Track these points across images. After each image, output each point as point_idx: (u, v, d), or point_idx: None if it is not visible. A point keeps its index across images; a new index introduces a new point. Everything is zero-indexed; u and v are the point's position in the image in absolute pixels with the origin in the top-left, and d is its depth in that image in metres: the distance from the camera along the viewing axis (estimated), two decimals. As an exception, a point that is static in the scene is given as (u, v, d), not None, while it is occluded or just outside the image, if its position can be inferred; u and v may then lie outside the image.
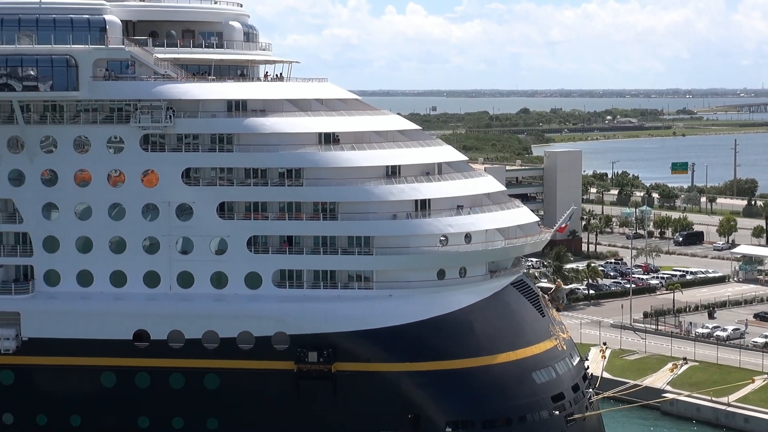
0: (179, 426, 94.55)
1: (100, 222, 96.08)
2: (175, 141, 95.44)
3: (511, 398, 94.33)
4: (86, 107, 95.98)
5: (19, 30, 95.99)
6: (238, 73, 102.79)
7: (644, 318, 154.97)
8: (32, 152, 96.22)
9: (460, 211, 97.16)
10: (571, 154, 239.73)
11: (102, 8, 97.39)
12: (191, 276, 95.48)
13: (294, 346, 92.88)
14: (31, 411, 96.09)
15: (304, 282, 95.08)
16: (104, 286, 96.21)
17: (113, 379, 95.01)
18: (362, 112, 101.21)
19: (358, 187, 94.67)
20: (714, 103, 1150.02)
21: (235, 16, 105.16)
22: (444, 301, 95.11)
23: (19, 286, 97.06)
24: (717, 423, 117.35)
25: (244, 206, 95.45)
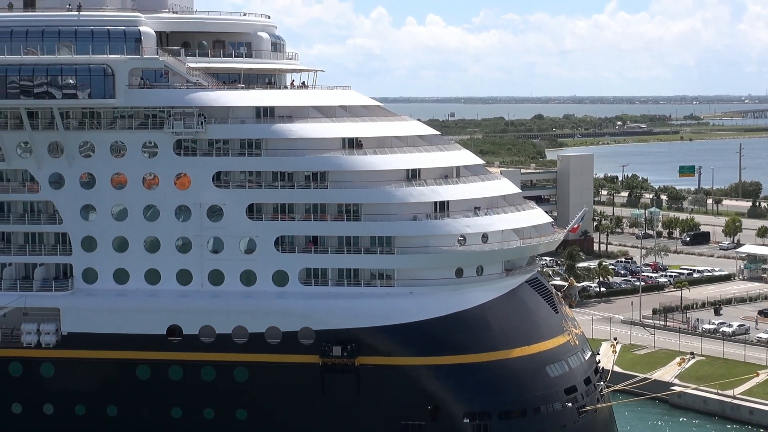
0: (210, 417, 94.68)
1: (136, 223, 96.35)
2: (206, 146, 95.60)
3: (526, 391, 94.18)
4: (122, 114, 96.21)
5: (59, 41, 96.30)
6: (266, 81, 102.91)
7: (653, 314, 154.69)
8: (71, 156, 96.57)
9: (477, 212, 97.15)
10: (583, 158, 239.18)
11: (137, 20, 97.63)
12: (221, 274, 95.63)
13: (319, 341, 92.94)
14: (70, 402, 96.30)
15: (329, 280, 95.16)
16: (139, 284, 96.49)
17: (148, 372, 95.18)
18: (384, 118, 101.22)
19: (380, 190, 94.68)
20: (719, 109, 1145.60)
21: (263, 27, 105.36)
22: (462, 298, 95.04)
23: (59, 284, 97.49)
24: (723, 415, 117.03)
25: (272, 208, 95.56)
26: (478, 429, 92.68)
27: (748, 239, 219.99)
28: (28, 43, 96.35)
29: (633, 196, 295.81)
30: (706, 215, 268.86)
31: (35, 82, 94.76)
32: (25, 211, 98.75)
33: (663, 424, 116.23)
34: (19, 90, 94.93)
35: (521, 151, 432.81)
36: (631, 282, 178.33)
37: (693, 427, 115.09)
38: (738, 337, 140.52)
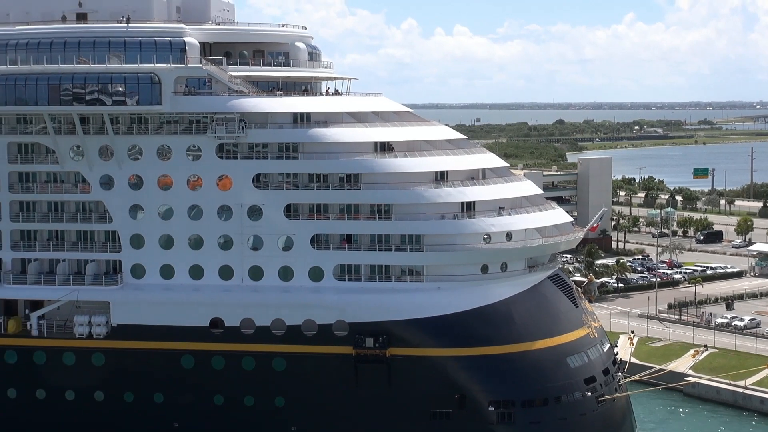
0: (250, 404, 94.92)
1: (181, 221, 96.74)
2: (246, 149, 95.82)
3: (547, 380, 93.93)
4: (168, 119, 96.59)
5: (109, 51, 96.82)
6: (302, 88, 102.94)
7: (668, 309, 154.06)
8: (120, 159, 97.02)
9: (501, 212, 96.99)
10: (602, 160, 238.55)
11: (182, 31, 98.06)
12: (261, 270, 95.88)
13: (352, 333, 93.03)
14: (120, 389, 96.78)
15: (362, 275, 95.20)
16: (184, 279, 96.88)
17: (192, 362, 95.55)
18: (414, 123, 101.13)
19: (410, 191, 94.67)
20: (732, 114, 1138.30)
21: (300, 37, 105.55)
22: (487, 292, 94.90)
23: (109, 279, 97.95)
24: (735, 404, 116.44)
25: (308, 207, 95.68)
26: (503, 417, 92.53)
27: (759, 238, 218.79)
28: (81, 53, 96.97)
29: (649, 197, 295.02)
30: (719, 215, 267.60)
31: (87, 89, 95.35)
32: (77, 210, 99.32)
33: (678, 413, 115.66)
34: (72, 97, 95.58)
35: (543, 155, 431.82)
36: (648, 278, 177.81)
37: (706, 416, 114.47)
38: (749, 331, 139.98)
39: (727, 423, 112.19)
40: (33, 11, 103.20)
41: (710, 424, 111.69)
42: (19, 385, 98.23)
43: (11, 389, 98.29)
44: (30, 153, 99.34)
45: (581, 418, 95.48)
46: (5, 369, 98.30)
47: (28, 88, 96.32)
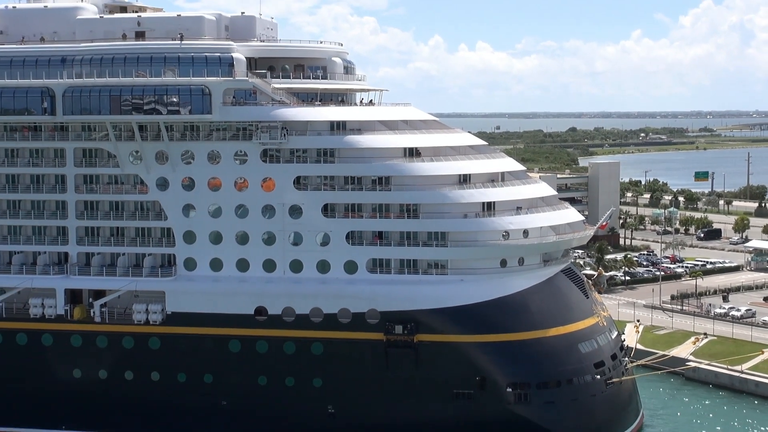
0: (291, 384, 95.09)
1: (228, 219, 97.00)
2: (288, 154, 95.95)
3: (560, 364, 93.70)
4: (217, 127, 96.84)
5: (164, 66, 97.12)
6: (339, 99, 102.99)
7: (671, 300, 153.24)
8: (175, 163, 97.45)
9: (519, 211, 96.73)
10: (610, 164, 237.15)
11: (230, 47, 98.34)
12: (301, 263, 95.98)
13: (383, 321, 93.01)
14: (173, 370, 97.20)
15: (392, 268, 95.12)
16: (231, 271, 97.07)
17: (238, 346, 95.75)
18: (439, 130, 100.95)
19: (436, 192, 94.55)
20: (730, 122, 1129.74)
21: (337, 53, 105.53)
22: (506, 284, 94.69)
23: (164, 271, 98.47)
24: (732, 387, 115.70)
25: (344, 207, 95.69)
26: (519, 397, 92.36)
27: (755, 235, 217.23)
28: (139, 67, 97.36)
29: (654, 198, 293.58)
30: (718, 214, 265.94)
31: (145, 100, 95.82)
32: (136, 209, 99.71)
33: (679, 395, 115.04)
34: (132, 107, 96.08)
35: (557, 159, 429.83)
36: (652, 272, 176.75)
37: (705, 398, 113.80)
38: (745, 320, 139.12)
39: (725, 405, 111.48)
40: (96, 30, 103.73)
41: (709, 406, 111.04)
42: (84, 366, 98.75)
43: (77, 370, 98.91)
44: (94, 157, 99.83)
45: (591, 399, 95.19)
46: (72, 352, 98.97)
47: (93, 99, 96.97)
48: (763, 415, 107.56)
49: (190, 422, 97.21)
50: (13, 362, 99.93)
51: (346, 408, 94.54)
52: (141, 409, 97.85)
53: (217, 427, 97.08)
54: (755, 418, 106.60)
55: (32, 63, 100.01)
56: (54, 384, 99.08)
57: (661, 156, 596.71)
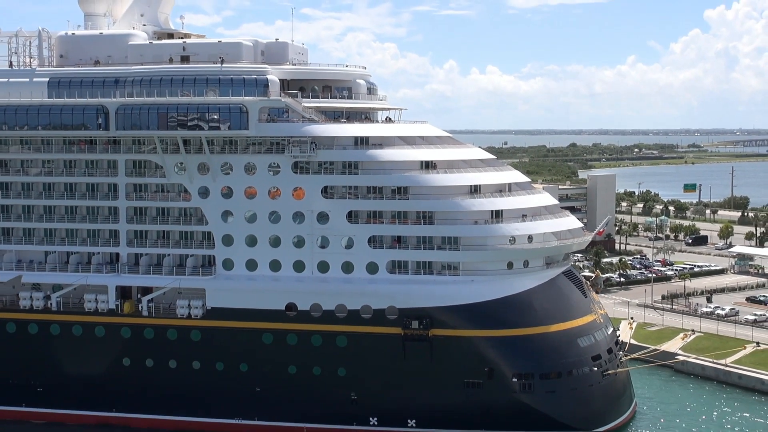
0: (317, 373, 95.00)
1: (263, 224, 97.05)
2: (316, 166, 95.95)
3: (561, 357, 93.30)
4: (254, 141, 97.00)
5: (206, 86, 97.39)
6: (362, 117, 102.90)
7: (662, 299, 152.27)
8: (215, 174, 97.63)
9: (524, 218, 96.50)
10: (607, 177, 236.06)
11: (265, 70, 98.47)
12: (327, 264, 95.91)
13: (401, 317, 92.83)
14: (212, 360, 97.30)
15: (409, 269, 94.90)
16: (265, 271, 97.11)
17: (271, 338, 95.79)
18: (453, 145, 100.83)
19: (450, 201, 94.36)
20: (716, 139, 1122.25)
21: (361, 75, 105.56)
22: (512, 284, 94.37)
23: (205, 270, 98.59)
24: (717, 379, 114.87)
25: (366, 214, 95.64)
26: (524, 387, 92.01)
27: (738, 241, 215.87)
28: (184, 87, 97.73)
29: (647, 207, 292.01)
30: (705, 222, 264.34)
31: (189, 117, 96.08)
32: (180, 214, 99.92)
33: (669, 386, 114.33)
34: (177, 123, 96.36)
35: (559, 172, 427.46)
36: (645, 274, 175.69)
37: (693, 388, 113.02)
38: (729, 318, 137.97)
39: (711, 395, 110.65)
40: (146, 54, 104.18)
41: (696, 396, 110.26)
42: (132, 355, 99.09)
43: (126, 358, 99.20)
44: (143, 168, 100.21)
45: (589, 389, 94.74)
46: (122, 342, 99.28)
47: (142, 116, 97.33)
48: (744, 404, 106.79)
49: (227, 407, 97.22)
50: (70, 351, 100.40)
51: (368, 395, 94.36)
52: (183, 395, 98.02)
53: (251, 411, 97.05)
54: (738, 407, 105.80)
55: (89, 83, 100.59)
56: (105, 371, 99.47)
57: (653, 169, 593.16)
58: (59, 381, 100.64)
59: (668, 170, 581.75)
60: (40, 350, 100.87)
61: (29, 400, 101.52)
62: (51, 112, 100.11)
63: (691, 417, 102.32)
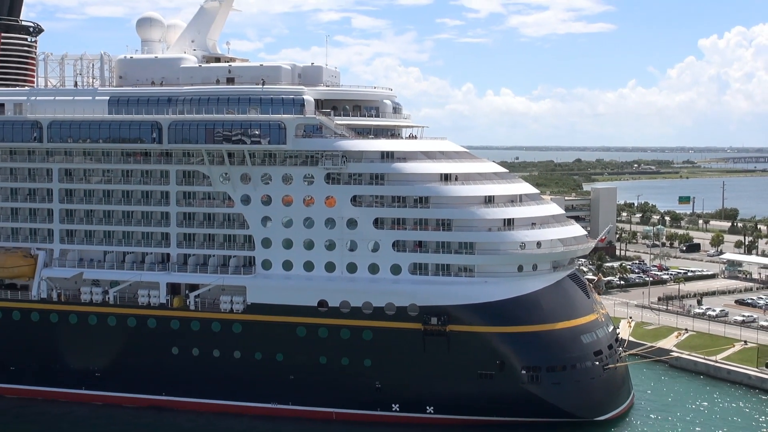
0: (346, 363, 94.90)
1: (298, 229, 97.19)
2: (347, 177, 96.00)
3: (566, 352, 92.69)
4: (291, 155, 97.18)
5: (249, 105, 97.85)
6: (388, 133, 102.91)
7: (658, 301, 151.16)
8: (256, 183, 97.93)
9: (533, 226, 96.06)
10: (609, 189, 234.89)
11: (302, 91, 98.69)
12: (355, 265, 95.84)
13: (422, 314, 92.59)
14: (252, 350, 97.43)
15: (429, 271, 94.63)
16: (299, 271, 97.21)
17: (304, 331, 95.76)
18: (469, 160, 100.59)
19: (466, 210, 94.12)
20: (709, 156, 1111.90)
21: (387, 96, 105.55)
22: (522, 286, 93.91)
23: (245, 269, 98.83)
24: (707, 374, 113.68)
25: (391, 220, 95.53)
26: (532, 378, 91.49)
27: (729, 249, 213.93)
28: (229, 106, 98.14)
29: (645, 217, 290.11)
30: (698, 231, 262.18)
31: (233, 132, 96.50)
32: (224, 219, 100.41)
33: (664, 380, 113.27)
34: (222, 138, 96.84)
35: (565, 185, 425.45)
36: (643, 278, 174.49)
37: (686, 382, 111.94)
38: (719, 319, 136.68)
39: (702, 388, 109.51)
40: (196, 76, 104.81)
41: (689, 389, 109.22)
42: (180, 345, 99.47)
43: (175, 348, 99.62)
44: (191, 178, 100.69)
45: (591, 381, 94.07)
46: (171, 333, 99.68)
47: (192, 131, 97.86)
48: (732, 397, 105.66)
49: (264, 392, 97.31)
50: (125, 340, 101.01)
51: (390, 383, 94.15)
52: (225, 381, 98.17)
53: (285, 396, 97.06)
54: (727, 399, 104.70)
55: (145, 102, 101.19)
56: (156, 358, 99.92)
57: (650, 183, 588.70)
58: (115, 367, 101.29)
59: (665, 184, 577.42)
60: (98, 339, 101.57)
61: (88, 384, 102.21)
62: (111, 127, 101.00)
63: (684, 407, 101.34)
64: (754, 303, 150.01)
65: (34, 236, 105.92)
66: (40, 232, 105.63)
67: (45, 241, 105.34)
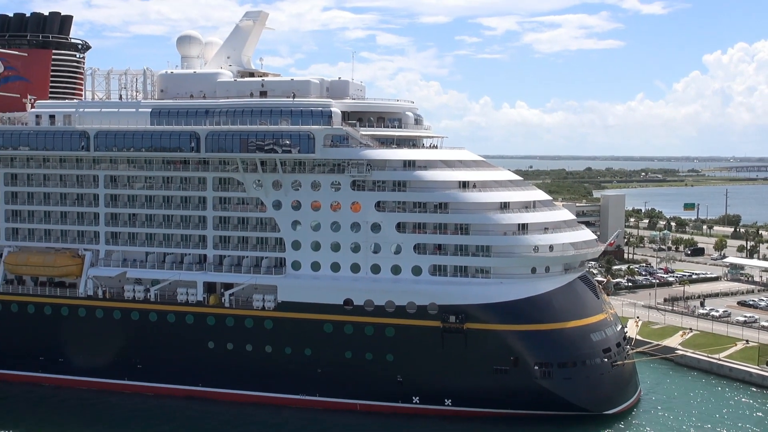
0: (369, 358, 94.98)
1: (325, 232, 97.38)
2: (371, 184, 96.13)
3: (576, 349, 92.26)
4: (319, 163, 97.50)
5: (280, 117, 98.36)
6: (410, 143, 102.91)
7: (664, 302, 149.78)
8: (286, 189, 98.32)
9: (546, 231, 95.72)
10: (618, 196, 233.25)
11: (329, 104, 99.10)
12: (379, 266, 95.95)
13: (441, 312, 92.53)
14: (282, 344, 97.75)
15: (448, 272, 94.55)
16: (327, 271, 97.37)
17: (331, 328, 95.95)
18: (486, 168, 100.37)
19: (483, 215, 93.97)
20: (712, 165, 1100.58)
21: (409, 108, 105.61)
22: (535, 286, 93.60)
23: (276, 270, 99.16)
24: (711, 371, 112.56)
25: (412, 225, 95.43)
26: (544, 374, 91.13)
27: (731, 253, 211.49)
28: (262, 117, 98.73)
29: (651, 223, 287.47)
30: (702, 236, 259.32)
31: (266, 142, 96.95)
32: (257, 223, 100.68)
33: (669, 376, 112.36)
34: (256, 147, 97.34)
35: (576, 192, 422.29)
36: (650, 280, 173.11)
37: (690, 379, 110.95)
38: (722, 319, 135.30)
39: (705, 384, 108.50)
40: (231, 90, 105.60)
41: (693, 385, 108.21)
42: (216, 339, 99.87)
43: (211, 342, 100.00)
44: (227, 184, 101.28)
45: (600, 377, 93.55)
46: (208, 328, 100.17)
47: (227, 141, 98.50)
48: (734, 392, 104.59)
49: (293, 384, 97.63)
50: (164, 335, 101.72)
51: (411, 377, 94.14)
52: (257, 373, 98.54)
53: (313, 388, 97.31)
54: (729, 395, 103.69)
55: (184, 113, 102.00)
56: (193, 352, 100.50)
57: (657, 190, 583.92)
58: (155, 359, 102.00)
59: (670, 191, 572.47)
60: (140, 334, 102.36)
61: (131, 375, 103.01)
62: (153, 137, 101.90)
63: (688, 402, 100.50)
64: (755, 304, 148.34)
65: (82, 238, 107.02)
66: (87, 234, 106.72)
67: (92, 243, 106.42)
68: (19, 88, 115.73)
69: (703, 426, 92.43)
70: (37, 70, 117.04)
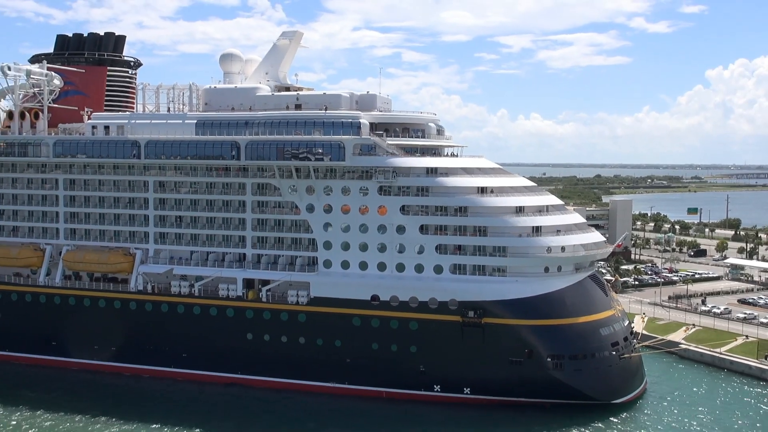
0: (394, 349, 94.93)
1: (354, 233, 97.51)
2: (396, 189, 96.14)
3: (586, 342, 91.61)
4: (349, 170, 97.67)
5: (314, 127, 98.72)
6: (432, 152, 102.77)
7: (668, 299, 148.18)
8: (319, 194, 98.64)
9: (558, 233, 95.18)
10: (625, 201, 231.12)
11: (358, 115, 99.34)
12: (403, 265, 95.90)
13: (461, 308, 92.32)
14: (314, 336, 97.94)
15: (467, 271, 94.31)
16: (355, 269, 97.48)
17: (359, 321, 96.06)
18: (503, 175, 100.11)
19: (500, 218, 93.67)
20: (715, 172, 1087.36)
21: (432, 120, 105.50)
22: (548, 284, 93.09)
23: (309, 268, 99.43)
24: (713, 364, 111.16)
25: (434, 227, 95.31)
26: (556, 365, 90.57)
27: (732, 254, 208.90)
28: (297, 128, 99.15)
29: (657, 226, 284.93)
30: (705, 239, 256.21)
31: (300, 151, 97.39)
32: (291, 225, 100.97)
33: (674, 369, 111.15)
34: (291, 155, 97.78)
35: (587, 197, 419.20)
36: (655, 279, 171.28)
37: (693, 372, 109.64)
38: (723, 316, 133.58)
39: (707, 377, 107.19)
40: (269, 103, 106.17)
41: (695, 377, 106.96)
42: (254, 331, 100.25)
43: (249, 333, 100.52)
44: (264, 189, 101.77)
45: (608, 369, 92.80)
46: (246, 321, 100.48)
47: (265, 150, 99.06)
48: (734, 385, 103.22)
49: (324, 373, 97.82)
50: (207, 327, 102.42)
51: (433, 367, 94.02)
52: (291, 362, 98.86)
53: (342, 377, 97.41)
54: (729, 387, 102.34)
55: (226, 125, 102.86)
56: (233, 342, 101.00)
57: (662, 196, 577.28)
58: (199, 349, 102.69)
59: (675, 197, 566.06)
60: (185, 325, 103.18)
61: (176, 363, 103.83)
62: (197, 146, 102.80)
63: (691, 393, 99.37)
64: (754, 302, 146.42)
65: (133, 238, 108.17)
66: (138, 234, 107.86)
67: (141, 242, 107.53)
68: (77, 101, 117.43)
69: (705, 414, 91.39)
70: (94, 85, 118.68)
